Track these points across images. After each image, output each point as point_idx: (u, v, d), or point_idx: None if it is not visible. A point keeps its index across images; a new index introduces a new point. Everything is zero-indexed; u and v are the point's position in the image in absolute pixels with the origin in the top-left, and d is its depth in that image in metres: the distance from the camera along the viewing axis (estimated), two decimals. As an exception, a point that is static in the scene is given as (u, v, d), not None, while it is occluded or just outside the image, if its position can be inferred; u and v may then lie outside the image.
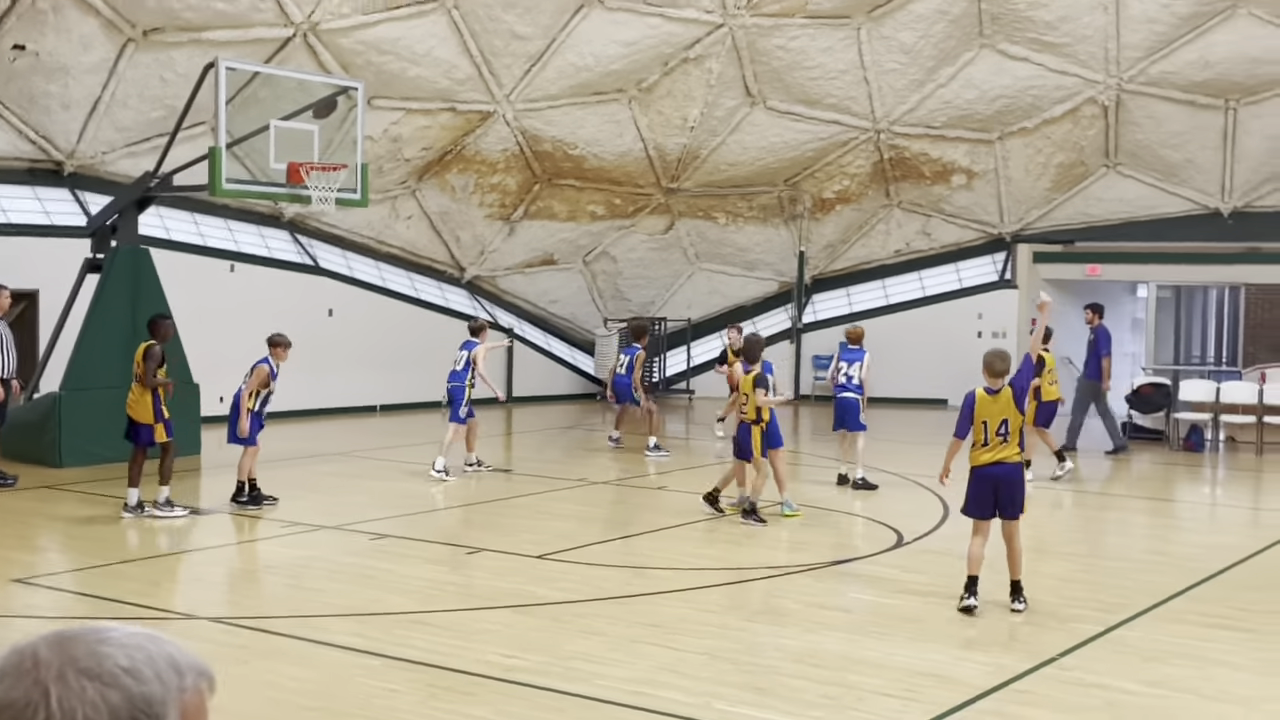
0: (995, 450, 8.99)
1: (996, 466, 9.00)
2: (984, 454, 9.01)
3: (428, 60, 20.39)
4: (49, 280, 17.31)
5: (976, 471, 9.07)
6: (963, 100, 23.18)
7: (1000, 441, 8.97)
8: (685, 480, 15.39)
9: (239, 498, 12.95)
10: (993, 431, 8.97)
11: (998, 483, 9.02)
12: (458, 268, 24.74)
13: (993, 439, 8.97)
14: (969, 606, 9.00)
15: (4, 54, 16.92)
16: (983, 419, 8.99)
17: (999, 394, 9.03)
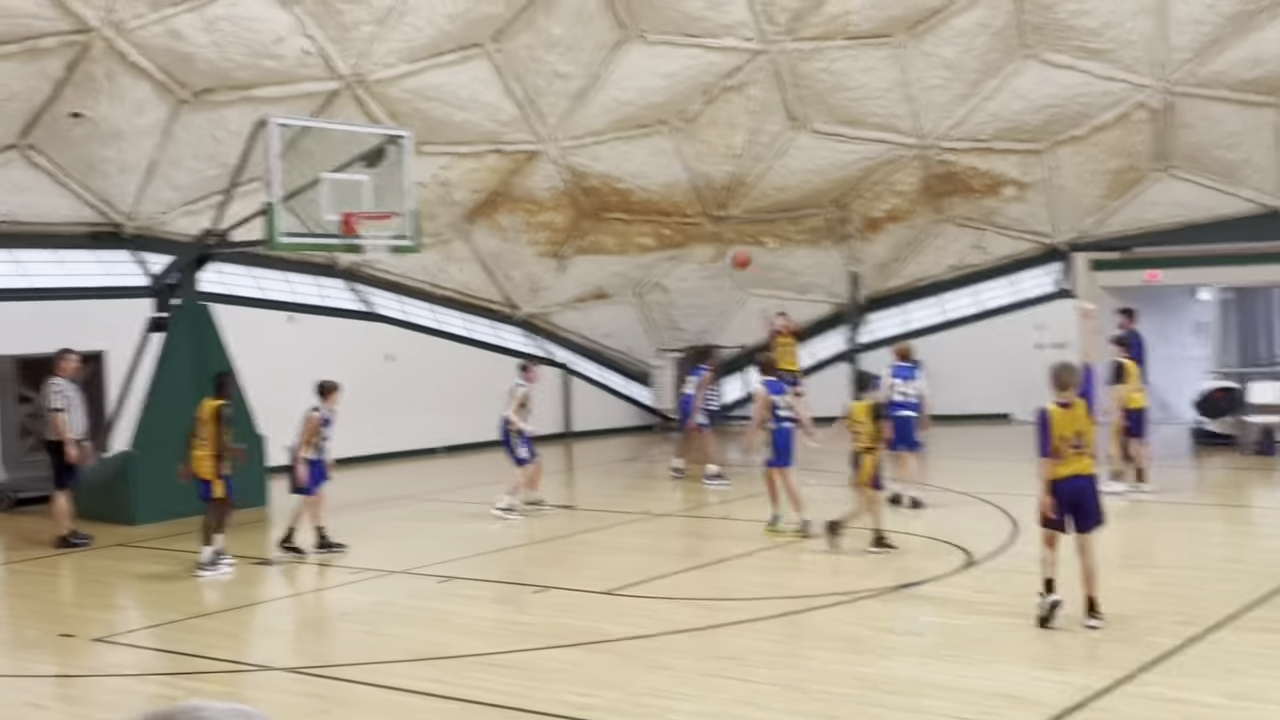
0: (1071, 463, 8.96)
1: (1074, 480, 8.97)
2: (1061, 468, 8.96)
3: (473, 104, 20.62)
4: (114, 341, 17.63)
5: (1054, 485, 9.02)
6: (1009, 112, 23.07)
7: (1076, 454, 8.95)
8: (747, 509, 15.36)
9: (287, 544, 13.08)
10: (1069, 445, 8.95)
11: (1075, 496, 8.98)
12: (511, 306, 24.91)
13: (1068, 452, 8.91)
14: (1054, 603, 8.86)
15: (62, 122, 17.32)
16: (1059, 434, 8.93)
17: (1071, 407, 9.02)
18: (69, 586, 12.55)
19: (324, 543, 13.16)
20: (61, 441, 14.07)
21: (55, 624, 10.69)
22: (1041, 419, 9.05)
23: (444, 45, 19.40)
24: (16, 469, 17.29)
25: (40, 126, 17.22)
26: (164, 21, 16.69)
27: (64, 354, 14.48)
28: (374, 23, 18.39)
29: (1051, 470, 9.03)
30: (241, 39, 17.50)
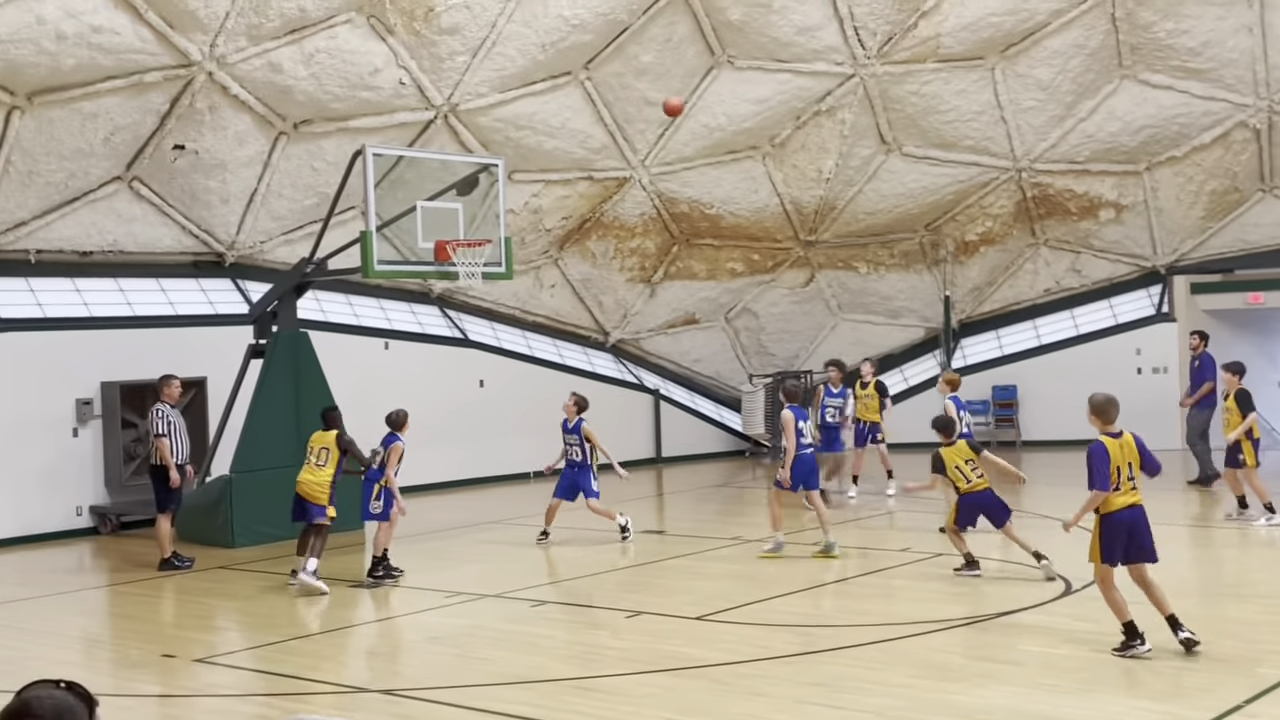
0: (1127, 495, 8.96)
1: (1129, 510, 8.96)
2: (1117, 499, 8.92)
3: (564, 132, 20.82)
4: (215, 367, 18.03)
5: (1110, 518, 8.96)
6: (1106, 133, 22.74)
7: (1131, 486, 8.98)
8: (839, 535, 15.23)
9: (375, 572, 13.22)
10: (1124, 477, 8.95)
11: (1130, 528, 8.94)
12: (602, 332, 25.04)
13: (1125, 484, 8.95)
14: (1138, 652, 8.78)
15: (166, 154, 17.80)
16: (1115, 465, 8.92)
17: (1121, 437, 9.03)
18: (171, 608, 12.83)
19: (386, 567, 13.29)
20: (163, 466, 14.39)
21: (158, 645, 10.93)
22: (1099, 452, 8.96)
23: (535, 74, 19.63)
24: (120, 493, 17.72)
25: (145, 159, 17.71)
26: (264, 55, 17.10)
27: (168, 379, 14.82)
28: (467, 53, 18.67)
29: (1100, 501, 8.95)
30: (339, 71, 17.86)
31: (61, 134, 16.60)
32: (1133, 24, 20.90)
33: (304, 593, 12.54)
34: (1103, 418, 9.13)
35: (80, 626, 12.13)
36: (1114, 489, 8.90)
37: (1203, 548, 14.45)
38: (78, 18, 15.26)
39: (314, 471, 13.18)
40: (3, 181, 16.62)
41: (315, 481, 13.13)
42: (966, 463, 12.27)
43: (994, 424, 25.43)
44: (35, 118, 16.25)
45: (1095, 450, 8.97)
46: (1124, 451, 8.98)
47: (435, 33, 18.18)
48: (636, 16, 19.47)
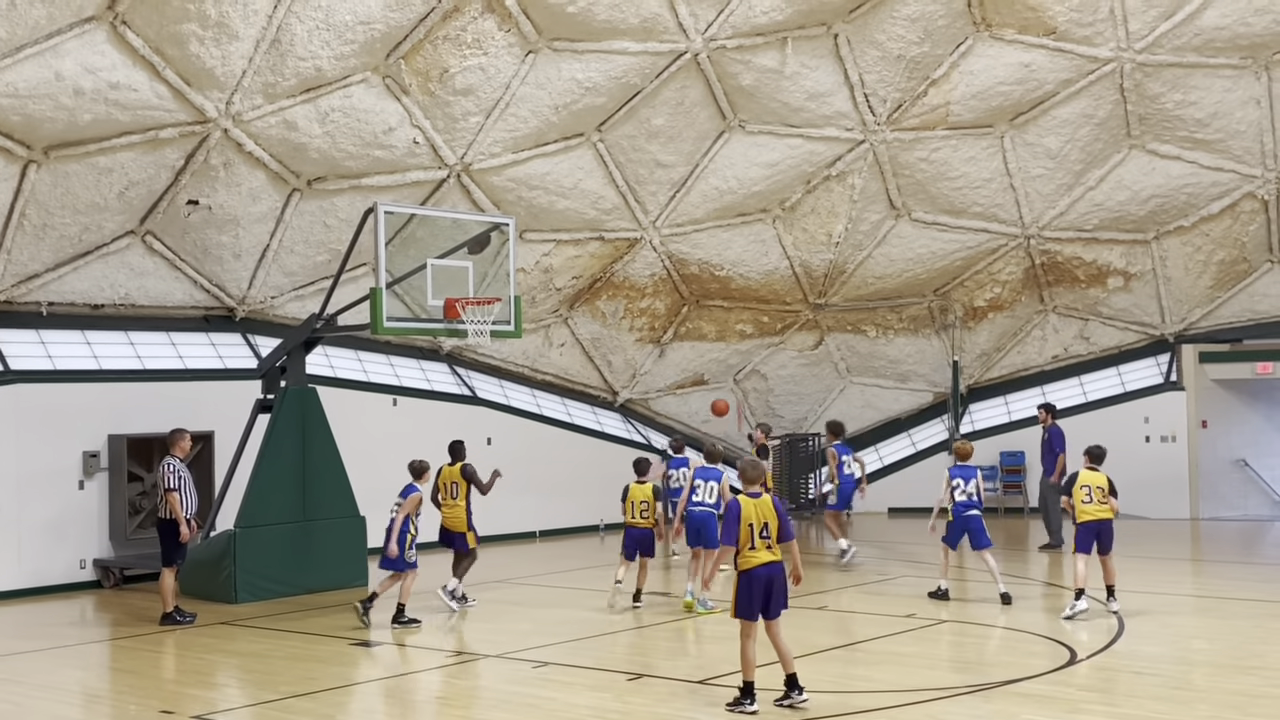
0: (762, 552, 9.62)
1: (767, 567, 9.64)
2: (752, 556, 9.61)
3: (575, 193, 20.97)
4: (223, 421, 18.06)
5: (745, 574, 9.66)
6: (1114, 202, 22.85)
7: (765, 545, 9.64)
8: (847, 599, 15.16)
9: (400, 619, 13.53)
10: (757, 534, 9.62)
11: (769, 583, 9.66)
12: (611, 392, 25.06)
13: (759, 542, 9.62)
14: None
15: (180, 209, 17.95)
16: (748, 522, 9.60)
17: (759, 499, 9.74)
18: (172, 663, 12.77)
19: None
20: (172, 520, 14.38)
21: (158, 700, 10.87)
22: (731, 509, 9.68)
23: (548, 135, 19.81)
24: (124, 546, 17.70)
25: (159, 214, 17.85)
26: (280, 113, 17.29)
27: (179, 433, 14.84)
28: (481, 114, 18.86)
29: (726, 555, 9.77)
30: (353, 129, 18.04)
31: (76, 188, 16.76)
32: (1141, 95, 21.07)
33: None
34: (741, 477, 9.97)
35: (80, 680, 12.08)
36: (748, 547, 9.58)
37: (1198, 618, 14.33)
38: (96, 74, 15.46)
39: (450, 506, 15.04)
40: (17, 234, 16.76)
41: (453, 515, 15.00)
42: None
43: (1002, 490, 25.34)
44: (51, 171, 16.41)
45: (729, 508, 9.70)
46: (759, 512, 9.64)
47: (449, 93, 18.37)
48: (649, 80, 19.68)
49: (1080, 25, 20.07)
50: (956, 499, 14.85)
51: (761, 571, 9.61)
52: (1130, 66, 20.59)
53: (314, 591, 16.35)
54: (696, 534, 14.70)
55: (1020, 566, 18.04)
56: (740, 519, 9.56)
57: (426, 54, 17.80)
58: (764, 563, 9.61)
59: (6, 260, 16.95)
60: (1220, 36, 20.10)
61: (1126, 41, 20.26)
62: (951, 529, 14.94)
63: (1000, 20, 20.13)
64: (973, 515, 14.82)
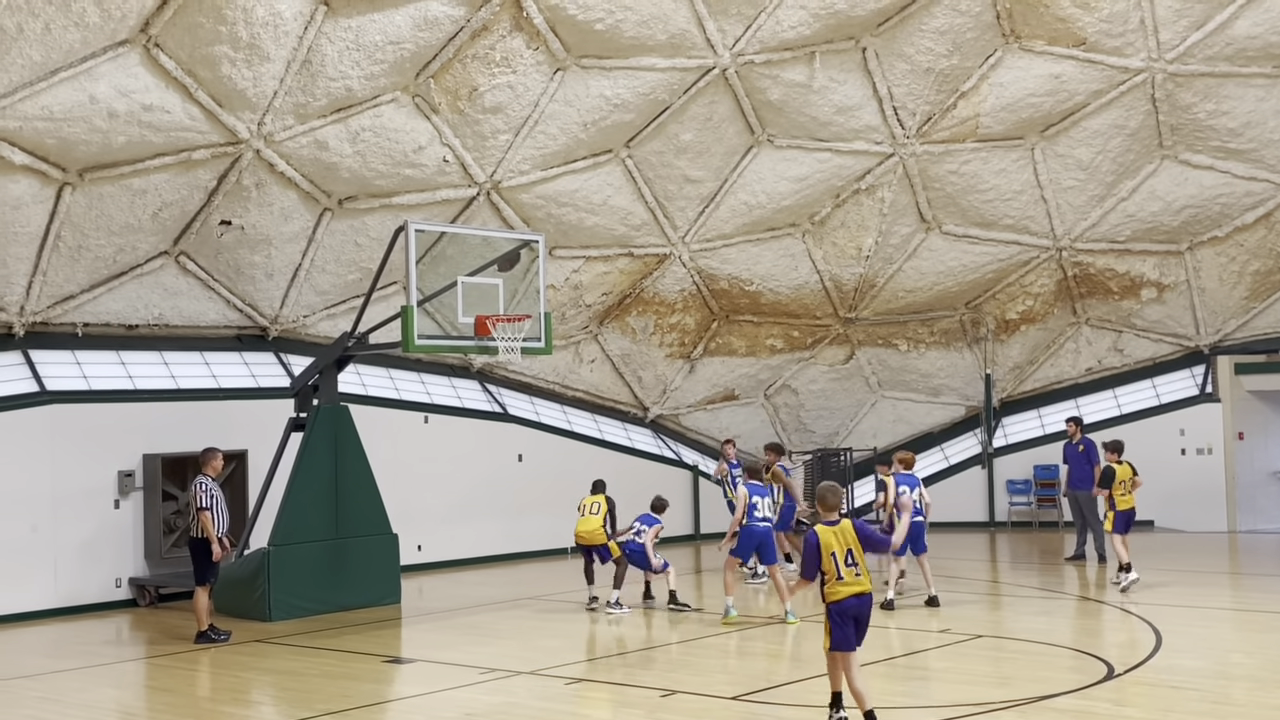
0: (851, 583, 9.05)
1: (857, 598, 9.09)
2: (841, 588, 9.05)
3: (605, 209, 21.02)
4: (256, 440, 18.17)
5: (836, 606, 9.08)
6: (1147, 213, 22.71)
7: (853, 573, 9.06)
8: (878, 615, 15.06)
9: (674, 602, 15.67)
10: (842, 563, 9.03)
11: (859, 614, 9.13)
12: (641, 408, 25.06)
13: (845, 571, 9.03)
14: None
15: (213, 230, 18.09)
16: (830, 551, 9.02)
17: (838, 525, 9.15)
18: (206, 681, 12.82)
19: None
20: (204, 539, 14.45)
21: (193, 718, 10.92)
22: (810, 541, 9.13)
23: (577, 152, 19.86)
24: (159, 565, 17.81)
25: (192, 234, 18.00)
26: (311, 133, 17.41)
27: (211, 453, 14.92)
28: (510, 131, 18.93)
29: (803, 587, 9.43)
30: (383, 149, 18.14)
31: (111, 209, 16.92)
32: (1173, 105, 20.94)
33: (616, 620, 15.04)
34: (820, 504, 9.30)
35: (116, 699, 12.14)
36: (835, 578, 9.00)
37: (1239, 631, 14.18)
38: (129, 96, 15.62)
39: (588, 520, 16.05)
40: (53, 256, 16.93)
41: (590, 529, 15.98)
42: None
43: (1035, 504, 25.17)
44: (86, 194, 16.58)
45: (807, 541, 9.11)
46: (839, 539, 9.05)
47: (479, 111, 18.46)
48: (677, 96, 19.71)
49: (1111, 36, 19.99)
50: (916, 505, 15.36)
51: (851, 602, 9.09)
52: (1162, 77, 20.48)
53: (347, 609, 16.39)
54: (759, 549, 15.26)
55: (1056, 580, 17.91)
56: (821, 550, 9.06)
57: (455, 73, 17.89)
58: (855, 593, 9.07)
59: (42, 282, 17.12)
60: (1252, 46, 19.96)
61: (1158, 51, 20.15)
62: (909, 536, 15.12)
63: (1030, 32, 20.06)
64: (919, 522, 15.43)
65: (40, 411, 17.07)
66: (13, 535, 16.56)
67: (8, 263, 16.64)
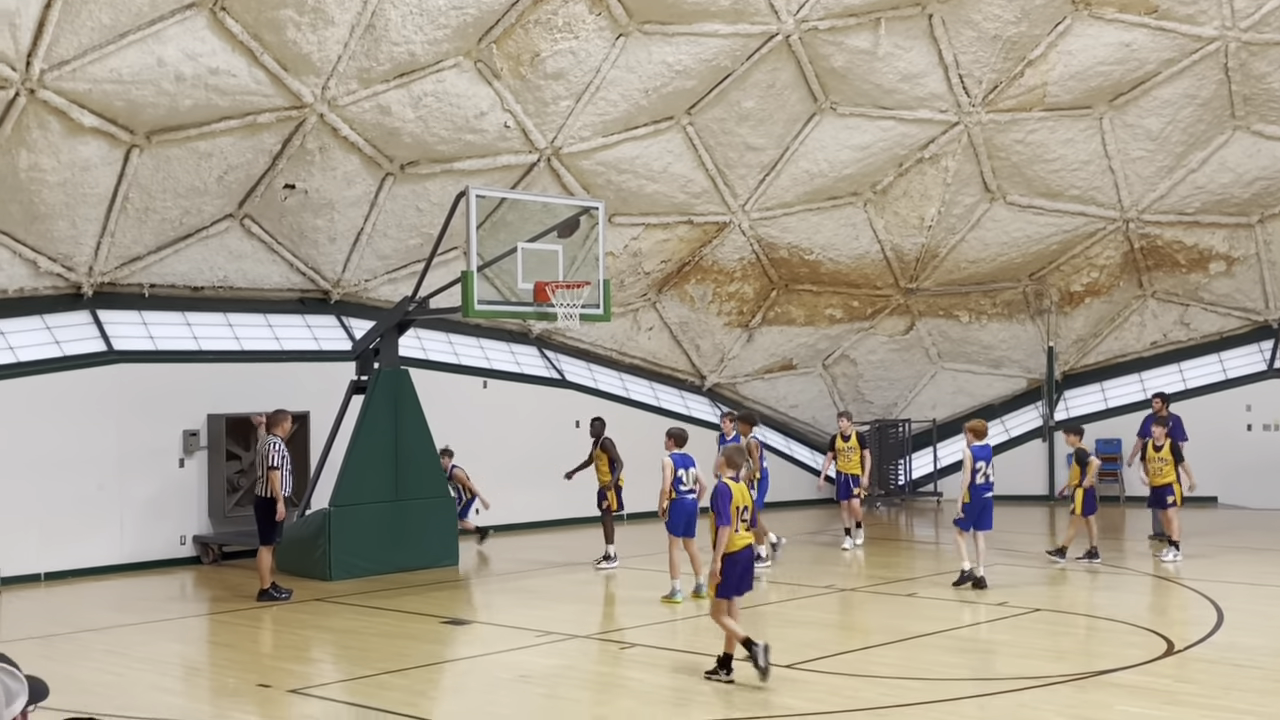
0: (744, 536, 10.11)
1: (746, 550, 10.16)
2: (736, 539, 10.03)
3: (665, 176, 20.95)
4: (318, 402, 18.37)
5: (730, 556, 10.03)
6: (1217, 184, 22.29)
7: (745, 527, 10.13)
8: (937, 587, 15.02)
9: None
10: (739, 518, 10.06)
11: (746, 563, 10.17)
12: (698, 376, 25.04)
13: (740, 525, 10.07)
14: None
15: (277, 193, 18.25)
16: (736, 505, 10.03)
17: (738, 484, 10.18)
18: (268, 638, 13.02)
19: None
20: (269, 498, 14.65)
21: (255, 674, 11.10)
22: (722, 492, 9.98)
23: (638, 119, 19.81)
24: (223, 523, 18.09)
25: (256, 197, 18.17)
26: (374, 98, 17.49)
27: (281, 414, 15.12)
28: (571, 98, 18.91)
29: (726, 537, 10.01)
30: (446, 114, 18.19)
31: (178, 172, 17.11)
32: (1246, 74, 20.50)
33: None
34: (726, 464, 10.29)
35: (180, 654, 12.37)
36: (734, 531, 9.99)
37: None
38: (196, 60, 15.75)
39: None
40: (120, 217, 17.16)
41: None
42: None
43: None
44: (153, 156, 16.77)
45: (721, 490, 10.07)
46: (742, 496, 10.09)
47: (540, 77, 18.44)
48: (740, 63, 19.58)
49: (1183, 3, 19.58)
50: (976, 481, 14.46)
51: (743, 554, 10.15)
52: (1235, 45, 20.05)
53: (406, 570, 16.58)
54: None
55: (1117, 556, 17.73)
56: (733, 502, 10.06)
57: (518, 38, 17.88)
58: (746, 545, 10.17)
59: (110, 243, 17.37)
60: (1330, 14, 19.50)
61: (1231, 20, 19.71)
62: (968, 511, 14.54)
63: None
64: (990, 498, 14.60)
65: (107, 371, 17.36)
66: (81, 492, 16.88)
67: (77, 224, 16.89)
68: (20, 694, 3.23)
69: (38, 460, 16.52)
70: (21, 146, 15.66)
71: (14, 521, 16.14)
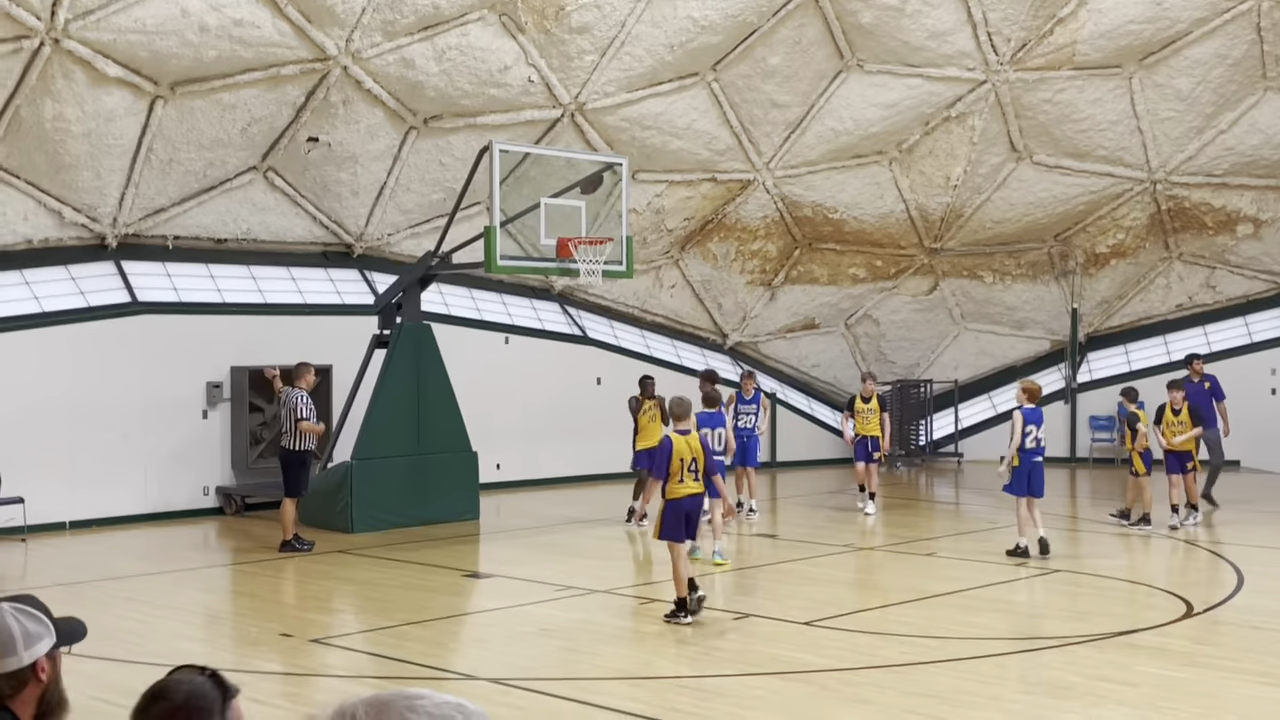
0: (690, 486, 10.77)
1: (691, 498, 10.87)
2: (680, 488, 10.75)
3: (689, 133, 20.84)
4: (341, 355, 18.42)
5: (674, 503, 10.77)
6: (1246, 146, 22.05)
7: (692, 478, 10.77)
8: (957, 546, 15.02)
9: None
10: (685, 469, 10.71)
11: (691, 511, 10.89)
12: (720, 334, 25.00)
13: (687, 475, 10.72)
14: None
15: (300, 146, 18.23)
16: (679, 457, 10.66)
17: (688, 435, 10.87)
18: (290, 589, 13.14)
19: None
20: (296, 450, 14.80)
21: (277, 623, 11.21)
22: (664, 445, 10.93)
23: (663, 74, 19.68)
24: (246, 475, 18.20)
25: (280, 150, 18.16)
26: (398, 50, 17.42)
27: (304, 366, 15.21)
28: (596, 52, 18.79)
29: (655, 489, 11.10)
30: (469, 68, 18.11)
31: (201, 124, 17.10)
32: (1278, 34, 20.23)
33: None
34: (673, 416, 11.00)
35: (203, 603, 12.49)
36: (677, 480, 10.66)
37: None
38: (220, 11, 15.71)
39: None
40: (144, 169, 17.18)
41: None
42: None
43: (1119, 441, 24.80)
44: (177, 107, 16.77)
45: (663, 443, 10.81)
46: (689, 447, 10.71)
47: (565, 31, 18.33)
48: (766, 18, 19.41)
49: (1217, -39, 19.31)
50: (1026, 445, 13.85)
51: (687, 501, 10.82)
52: (1269, 4, 19.76)
53: (427, 523, 16.67)
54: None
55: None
56: (672, 455, 10.64)
57: (543, -9, 17.77)
58: (690, 494, 10.81)
59: (134, 194, 17.40)
60: (1367, -28, 19.19)
61: (1265, -22, 19.44)
62: (1017, 476, 13.93)
63: (1132, -44, 19.44)
64: (1040, 463, 13.98)
65: (132, 321, 17.44)
66: (105, 442, 17.00)
67: (101, 174, 16.92)
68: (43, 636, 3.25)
69: (63, 410, 16.63)
70: (46, 96, 15.67)
71: (40, 470, 16.27)
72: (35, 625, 3.25)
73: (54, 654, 3.29)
